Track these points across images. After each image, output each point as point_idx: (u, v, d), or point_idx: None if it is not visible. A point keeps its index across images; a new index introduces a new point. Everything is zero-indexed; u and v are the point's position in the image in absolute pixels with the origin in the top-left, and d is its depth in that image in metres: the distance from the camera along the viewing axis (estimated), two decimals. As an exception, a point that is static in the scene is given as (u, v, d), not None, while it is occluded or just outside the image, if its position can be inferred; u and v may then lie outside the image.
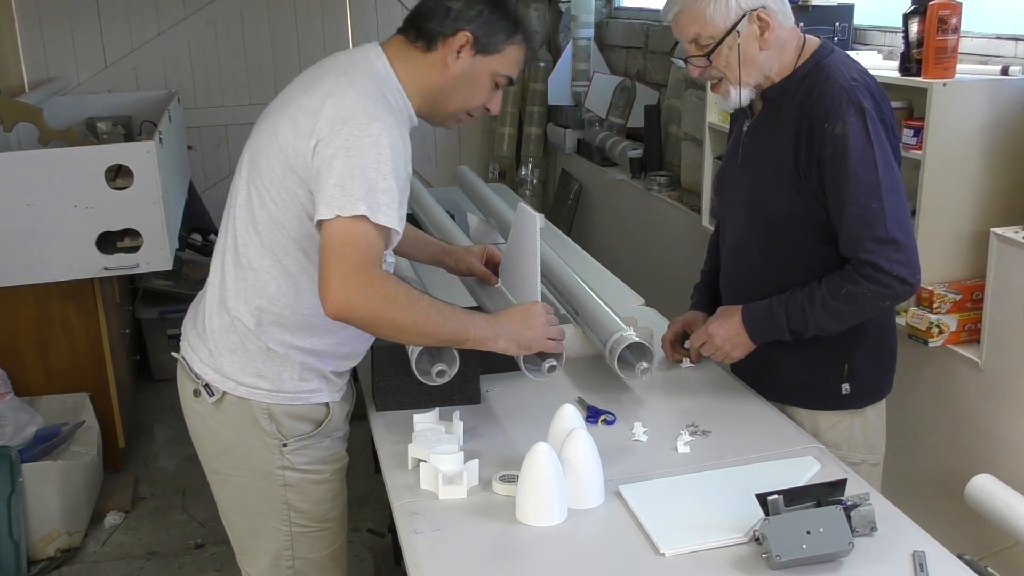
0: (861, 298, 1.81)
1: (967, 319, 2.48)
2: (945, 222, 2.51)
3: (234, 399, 1.79)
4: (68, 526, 3.17)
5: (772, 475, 1.69)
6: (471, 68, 1.76)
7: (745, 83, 1.88)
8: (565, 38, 5.11)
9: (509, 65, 1.79)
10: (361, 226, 1.59)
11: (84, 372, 3.53)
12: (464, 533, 1.57)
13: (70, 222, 3.24)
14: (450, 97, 1.79)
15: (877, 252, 1.78)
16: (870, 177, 1.77)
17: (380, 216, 1.59)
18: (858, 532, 1.48)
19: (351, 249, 1.58)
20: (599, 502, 1.64)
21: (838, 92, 1.81)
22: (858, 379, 1.99)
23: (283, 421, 1.81)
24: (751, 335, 1.93)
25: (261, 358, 1.78)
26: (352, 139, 1.61)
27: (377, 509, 3.31)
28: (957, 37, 2.45)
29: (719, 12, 1.83)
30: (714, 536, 1.52)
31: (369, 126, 1.62)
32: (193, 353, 1.84)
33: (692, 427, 1.90)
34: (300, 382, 1.80)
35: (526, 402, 2.03)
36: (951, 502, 2.35)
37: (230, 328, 1.78)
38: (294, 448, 1.83)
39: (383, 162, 1.61)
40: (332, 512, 1.92)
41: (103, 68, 5.15)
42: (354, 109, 1.64)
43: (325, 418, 1.85)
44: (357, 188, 1.58)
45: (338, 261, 1.58)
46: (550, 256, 2.51)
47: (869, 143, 1.77)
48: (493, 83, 1.80)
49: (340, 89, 1.67)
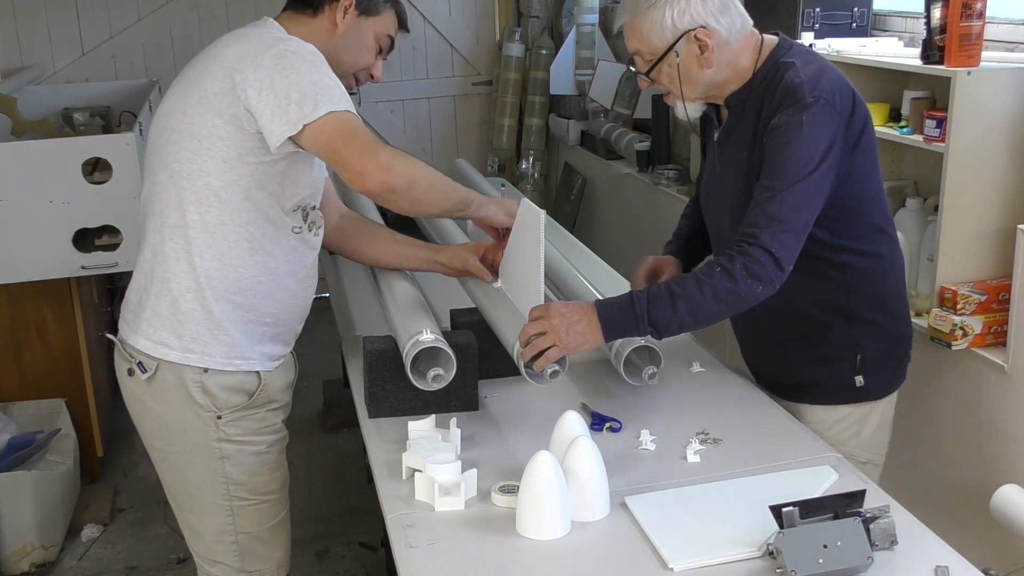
0: (737, 273, 1.77)
1: (993, 321, 2.48)
2: (969, 218, 2.51)
3: (167, 375, 1.92)
4: (43, 540, 3.17)
5: (787, 485, 1.69)
6: (357, 28, 1.98)
7: (690, 98, 1.94)
8: (568, 24, 5.11)
9: (389, 26, 2.03)
10: (340, 118, 1.78)
11: (60, 377, 3.53)
12: (461, 547, 1.57)
13: (45, 218, 3.24)
14: (341, 56, 1.97)
15: (762, 225, 1.79)
16: (788, 165, 1.80)
17: (344, 105, 1.79)
18: (878, 546, 1.48)
19: (357, 134, 1.79)
20: (604, 514, 1.64)
21: (785, 89, 1.85)
22: (872, 370, 2.02)
23: (216, 393, 1.93)
24: (604, 328, 1.83)
25: (191, 320, 1.90)
26: (278, 60, 1.80)
27: (370, 521, 3.30)
28: (982, 23, 2.45)
29: (655, 32, 1.87)
30: (725, 550, 1.52)
31: (286, 44, 1.83)
32: (128, 328, 1.97)
33: (702, 435, 1.90)
34: (227, 347, 1.92)
35: (527, 409, 2.03)
36: (976, 514, 2.35)
37: (161, 294, 1.92)
38: (228, 420, 1.95)
39: (316, 64, 1.82)
40: (271, 484, 2.04)
41: (80, 55, 5.15)
42: (263, 40, 1.85)
43: (257, 388, 1.97)
44: (311, 95, 1.77)
45: (355, 147, 1.78)
46: (552, 254, 2.51)
47: (799, 135, 1.80)
48: (377, 45, 2.02)
49: (238, 41, 1.88)
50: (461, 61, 5.67)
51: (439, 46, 5.60)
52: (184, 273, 1.90)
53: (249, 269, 1.91)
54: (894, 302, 2.05)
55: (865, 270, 1.98)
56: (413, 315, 2.02)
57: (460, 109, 5.75)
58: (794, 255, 1.81)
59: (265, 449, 2.02)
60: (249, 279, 1.92)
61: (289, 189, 1.91)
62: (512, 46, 5.44)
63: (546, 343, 1.82)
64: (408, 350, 1.91)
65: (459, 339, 1.99)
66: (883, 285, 2.02)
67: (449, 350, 1.91)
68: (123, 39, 5.19)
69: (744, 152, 1.93)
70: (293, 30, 1.93)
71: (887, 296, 2.03)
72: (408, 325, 1.98)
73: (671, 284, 1.82)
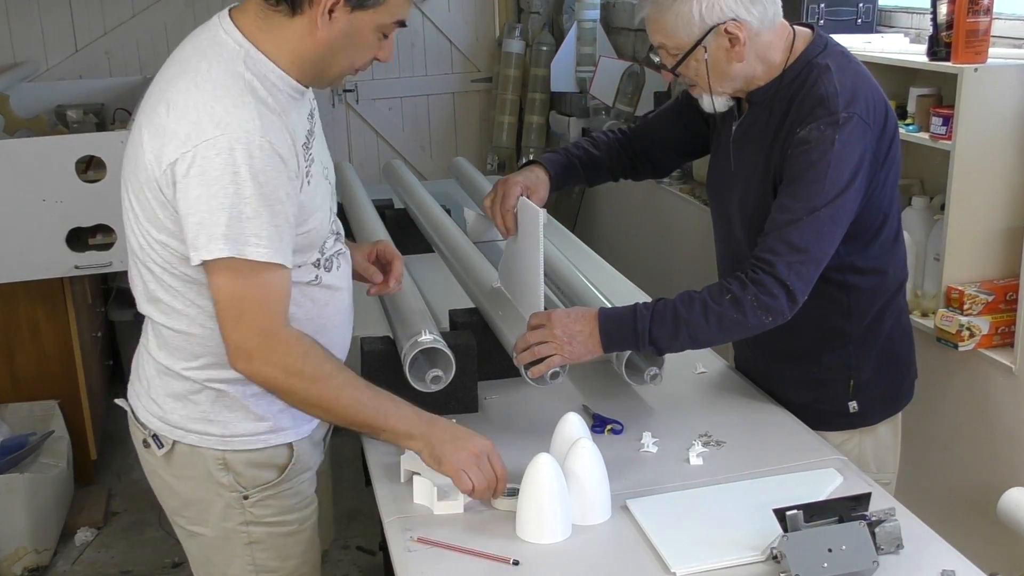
0: (747, 304, 1.73)
1: (1000, 321, 2.48)
2: (976, 217, 2.51)
3: (185, 449, 1.70)
4: (36, 543, 3.17)
5: (791, 489, 1.68)
6: (350, 26, 1.57)
7: (719, 92, 1.86)
8: (569, 20, 5.11)
9: (394, 11, 1.60)
10: (234, 269, 1.50)
11: (53, 378, 3.53)
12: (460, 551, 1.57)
13: (38, 217, 3.24)
14: (330, 62, 1.61)
15: (780, 253, 1.74)
16: (814, 187, 1.74)
17: (249, 251, 1.49)
18: (883, 550, 1.48)
19: (245, 304, 1.52)
20: (605, 518, 1.64)
21: (818, 98, 1.77)
22: (866, 394, 1.98)
23: (241, 471, 1.71)
24: (603, 340, 1.80)
25: (207, 401, 1.67)
26: (202, 161, 1.47)
27: (367, 525, 3.30)
28: (990, 19, 2.45)
29: (681, 27, 1.78)
30: (729, 554, 1.52)
31: (216, 141, 1.47)
32: (137, 400, 1.75)
33: (705, 437, 1.90)
34: (255, 422, 1.69)
35: (527, 410, 2.03)
36: (983, 517, 2.35)
37: (165, 372, 1.69)
38: (256, 500, 1.73)
39: (242, 183, 1.47)
40: (303, 567, 1.82)
41: (73, 52, 5.15)
42: (198, 120, 1.48)
43: (289, 461, 1.74)
44: (217, 223, 1.47)
45: (233, 320, 1.53)
46: (553, 254, 2.51)
47: (830, 153, 1.73)
48: (380, 35, 1.62)
49: (181, 95, 1.52)
50: (460, 58, 5.67)
51: (438, 42, 5.60)
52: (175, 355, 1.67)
53: None
54: (893, 320, 1.98)
55: (868, 290, 1.92)
56: (411, 315, 2.02)
57: (459, 106, 5.75)
58: (810, 286, 1.76)
59: (298, 528, 1.79)
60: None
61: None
62: (512, 42, 5.43)
63: (547, 352, 1.81)
64: (406, 351, 1.91)
65: (458, 340, 1.99)
66: (883, 303, 1.96)
67: (448, 351, 1.91)
68: (117, 35, 5.19)
69: (762, 154, 1.87)
70: (263, 36, 1.57)
71: (886, 315, 1.96)
72: (406, 325, 1.98)
73: (677, 305, 1.77)
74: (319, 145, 1.72)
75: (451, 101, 5.73)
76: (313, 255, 1.68)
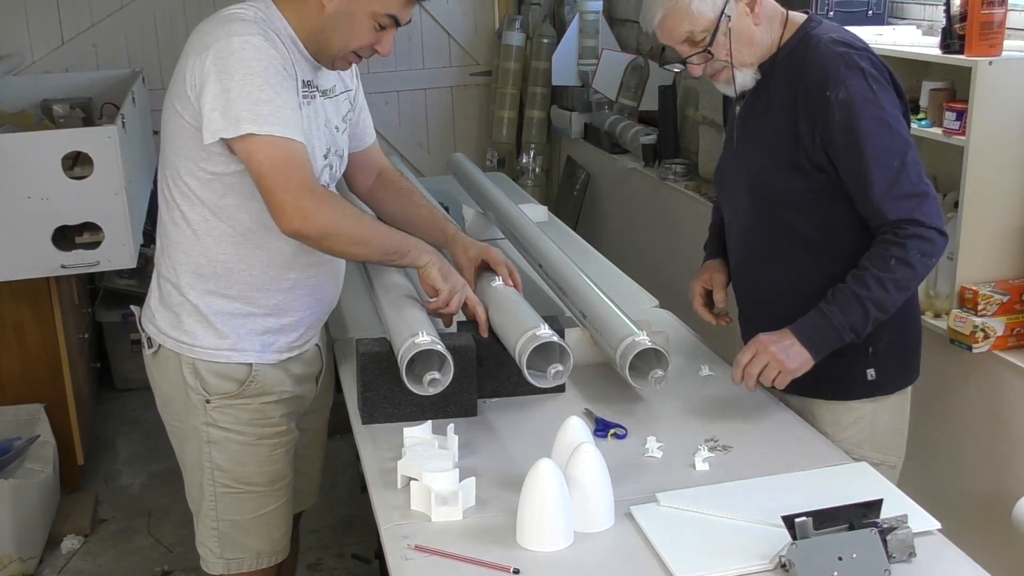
0: (913, 259, 1.87)
1: (1016, 322, 2.48)
2: (991, 215, 2.51)
3: (167, 352, 2.02)
4: (21, 551, 3.17)
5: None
6: (348, 7, 1.89)
7: (747, 64, 1.98)
8: (571, 12, 5.12)
9: (388, 5, 1.90)
10: (270, 143, 1.79)
11: (39, 381, 3.53)
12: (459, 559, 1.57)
13: (23, 215, 3.24)
14: (331, 37, 1.92)
15: (913, 207, 1.87)
16: (885, 137, 1.88)
17: (267, 127, 1.79)
18: (895, 558, 1.48)
19: (288, 168, 1.81)
20: (608, 525, 1.64)
21: (833, 58, 1.91)
22: (883, 362, 2.04)
23: (206, 377, 2.00)
24: (810, 349, 1.91)
25: (185, 312, 1.99)
26: (218, 60, 1.80)
27: (363, 532, 3.30)
28: (1004, 10, 2.45)
29: (705, 2, 1.91)
30: (736, 562, 1.52)
31: (229, 42, 1.81)
32: (143, 307, 2.10)
33: (712, 442, 1.90)
34: (218, 339, 1.98)
35: (528, 414, 2.04)
36: (998, 524, 2.35)
37: (160, 285, 2.03)
38: (216, 406, 2.01)
39: (254, 74, 1.80)
40: (257, 477, 2.07)
41: (60, 45, 5.15)
42: (214, 33, 1.84)
43: (247, 378, 2.00)
44: (238, 107, 1.79)
45: (283, 183, 1.81)
46: (554, 254, 2.51)
47: (877, 103, 1.88)
48: (376, 23, 1.91)
49: (196, 35, 1.89)
50: (459, 50, 5.67)
51: (436, 35, 5.60)
52: (172, 269, 1.99)
53: (238, 263, 1.96)
54: None
55: None
56: (409, 316, 2.02)
57: (458, 101, 5.75)
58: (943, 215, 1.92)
59: (255, 441, 2.05)
60: (240, 272, 1.96)
61: None
62: (512, 35, 5.44)
63: (772, 372, 1.90)
64: (403, 353, 1.91)
65: (457, 341, 1.99)
66: None
67: (446, 353, 1.91)
68: (105, 27, 5.19)
69: (769, 126, 1.99)
70: (285, 8, 1.92)
71: None
72: (403, 327, 1.98)
73: (854, 287, 1.88)
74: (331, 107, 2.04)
75: (449, 95, 5.73)
76: None
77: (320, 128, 1.99)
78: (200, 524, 2.12)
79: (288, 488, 2.14)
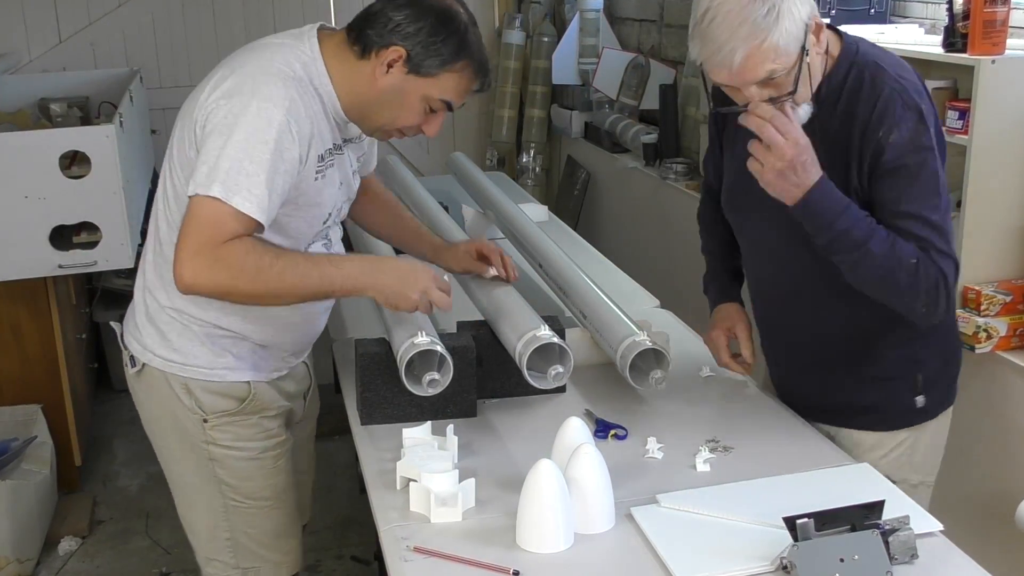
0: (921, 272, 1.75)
1: (1018, 323, 2.48)
2: (994, 214, 2.51)
3: (154, 371, 1.95)
4: (18, 553, 3.16)
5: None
6: (401, 85, 1.82)
7: (806, 99, 1.78)
8: (571, 10, 5.12)
9: (445, 91, 1.85)
10: (216, 206, 1.70)
11: (36, 382, 3.53)
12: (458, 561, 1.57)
13: (20, 215, 3.24)
14: (377, 111, 1.86)
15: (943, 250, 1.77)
16: (932, 190, 1.77)
17: (236, 199, 1.70)
18: (897, 560, 1.48)
19: (202, 225, 1.71)
20: (609, 526, 1.64)
21: (889, 95, 1.76)
22: (932, 388, 1.98)
23: (201, 396, 1.94)
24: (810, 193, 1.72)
25: (174, 331, 1.92)
26: (231, 116, 1.72)
27: (362, 534, 3.30)
28: (1008, 9, 2.45)
29: (791, 37, 1.69)
30: (737, 564, 1.52)
31: (251, 103, 1.72)
32: (125, 324, 2.04)
33: (713, 443, 1.90)
34: (213, 357, 1.93)
35: (528, 415, 2.04)
36: (1001, 526, 2.35)
37: (145, 300, 1.95)
38: (215, 424, 1.96)
39: (256, 144, 1.71)
40: (265, 491, 2.03)
41: (57, 43, 5.15)
42: (243, 84, 1.75)
43: (247, 396, 1.96)
44: (220, 169, 1.70)
45: (188, 237, 1.71)
46: (555, 253, 2.51)
47: (929, 151, 1.76)
48: (427, 106, 1.86)
49: (241, 63, 1.80)
50: (459, 49, 5.66)
51: (435, 33, 5.58)
52: (163, 289, 1.92)
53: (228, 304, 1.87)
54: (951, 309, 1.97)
55: None
56: (408, 316, 2.02)
57: (457, 100, 5.74)
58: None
59: (259, 455, 2.02)
60: (231, 309, 1.89)
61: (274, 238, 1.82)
62: (512, 33, 5.44)
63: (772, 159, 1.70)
64: (403, 353, 1.91)
65: (456, 342, 1.99)
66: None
67: (446, 353, 1.91)
68: (102, 26, 5.19)
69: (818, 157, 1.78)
70: (333, 61, 1.82)
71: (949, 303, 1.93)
72: (403, 327, 1.98)
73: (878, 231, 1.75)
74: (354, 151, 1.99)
75: (449, 94, 5.72)
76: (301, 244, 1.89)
77: (335, 189, 1.92)
78: (207, 541, 2.06)
79: (293, 496, 2.11)
